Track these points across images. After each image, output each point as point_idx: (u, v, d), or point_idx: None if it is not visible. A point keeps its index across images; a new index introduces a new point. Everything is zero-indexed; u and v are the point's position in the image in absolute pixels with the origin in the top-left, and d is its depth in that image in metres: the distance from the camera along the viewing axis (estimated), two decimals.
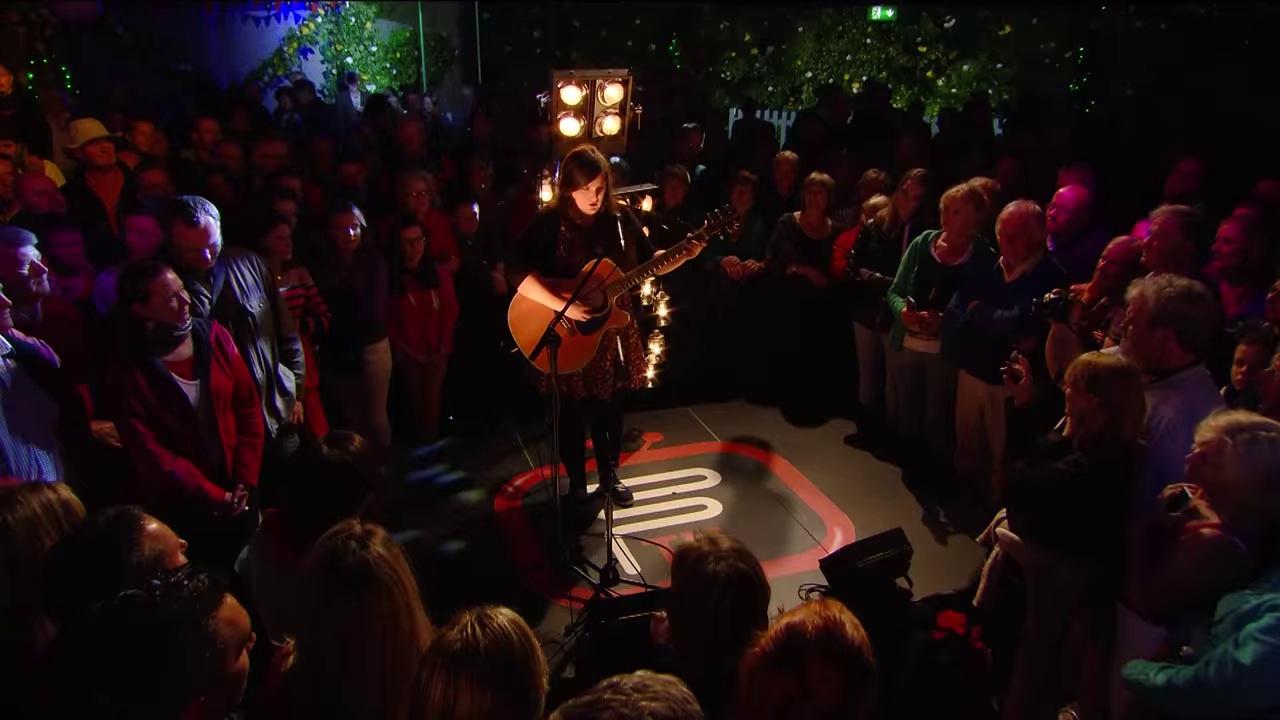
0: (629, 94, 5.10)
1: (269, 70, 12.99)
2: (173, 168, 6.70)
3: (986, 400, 5.09)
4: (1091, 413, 3.23)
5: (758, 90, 14.65)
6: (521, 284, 4.49)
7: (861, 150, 7.50)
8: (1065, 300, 3.91)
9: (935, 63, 14.14)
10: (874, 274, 5.74)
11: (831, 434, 6.05)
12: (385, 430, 5.91)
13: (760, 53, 14.71)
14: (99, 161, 6.08)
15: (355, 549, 2.11)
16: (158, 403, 3.77)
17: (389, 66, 15.00)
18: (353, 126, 9.84)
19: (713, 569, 2.25)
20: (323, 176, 6.79)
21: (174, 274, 3.78)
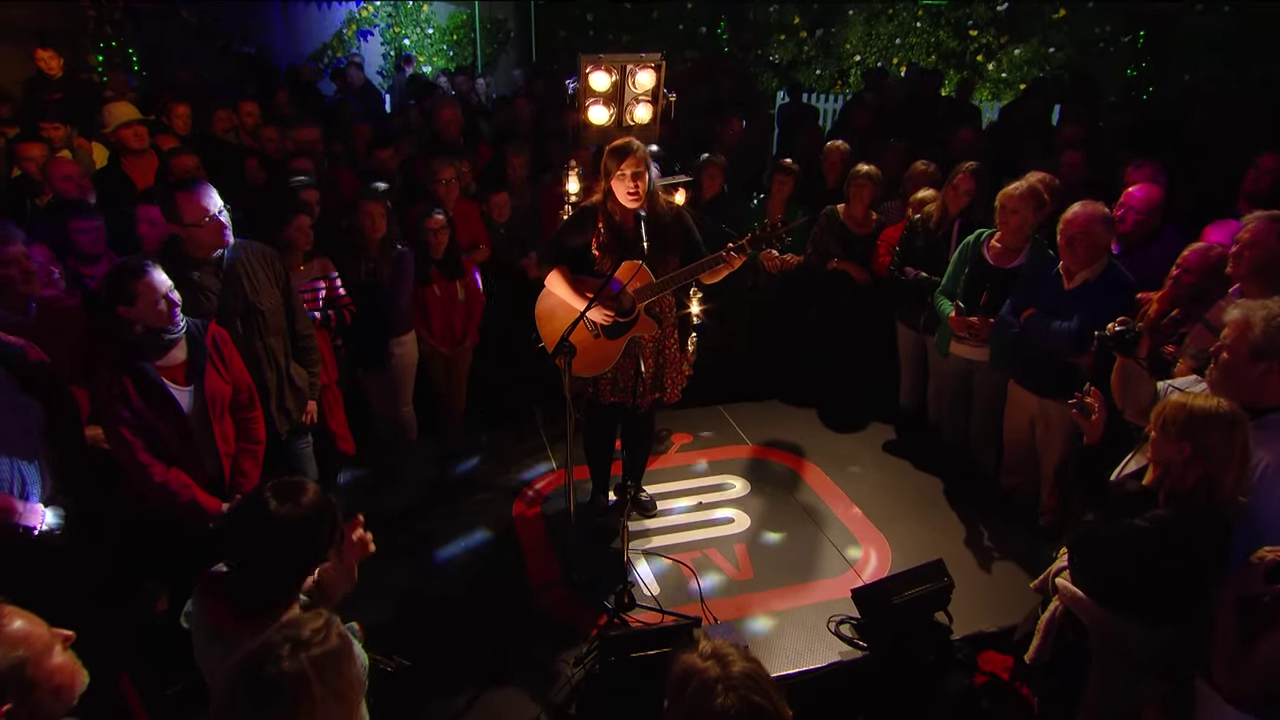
0: (661, 80, 4.48)
1: (328, 52, 12.53)
2: (210, 151, 6.30)
3: (1038, 414, 4.44)
4: (1183, 463, 2.59)
5: (805, 74, 13.83)
6: (548, 278, 3.94)
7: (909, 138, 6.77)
8: (1133, 332, 3.22)
9: (986, 47, 13.16)
10: (920, 273, 5.08)
11: (869, 440, 5.42)
12: (412, 424, 5.45)
13: (809, 36, 13.86)
14: (132, 145, 5.66)
15: (282, 658, 1.60)
16: (148, 410, 3.32)
17: (445, 49, 14.46)
18: (397, 110, 9.33)
19: (721, 703, 1.64)
20: (360, 161, 6.31)
21: (163, 273, 3.32)
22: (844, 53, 13.73)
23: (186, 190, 3.68)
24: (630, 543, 4.25)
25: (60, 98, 6.95)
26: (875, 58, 13.59)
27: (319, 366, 4.28)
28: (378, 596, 3.96)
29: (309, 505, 2.17)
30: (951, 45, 13.19)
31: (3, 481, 3.04)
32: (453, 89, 9.86)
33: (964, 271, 4.72)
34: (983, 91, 12.90)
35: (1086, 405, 3.07)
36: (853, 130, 7.28)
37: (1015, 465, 4.71)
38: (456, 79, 10.14)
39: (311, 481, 2.25)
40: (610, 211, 3.91)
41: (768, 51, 13.94)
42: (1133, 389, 3.39)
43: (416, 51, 13.58)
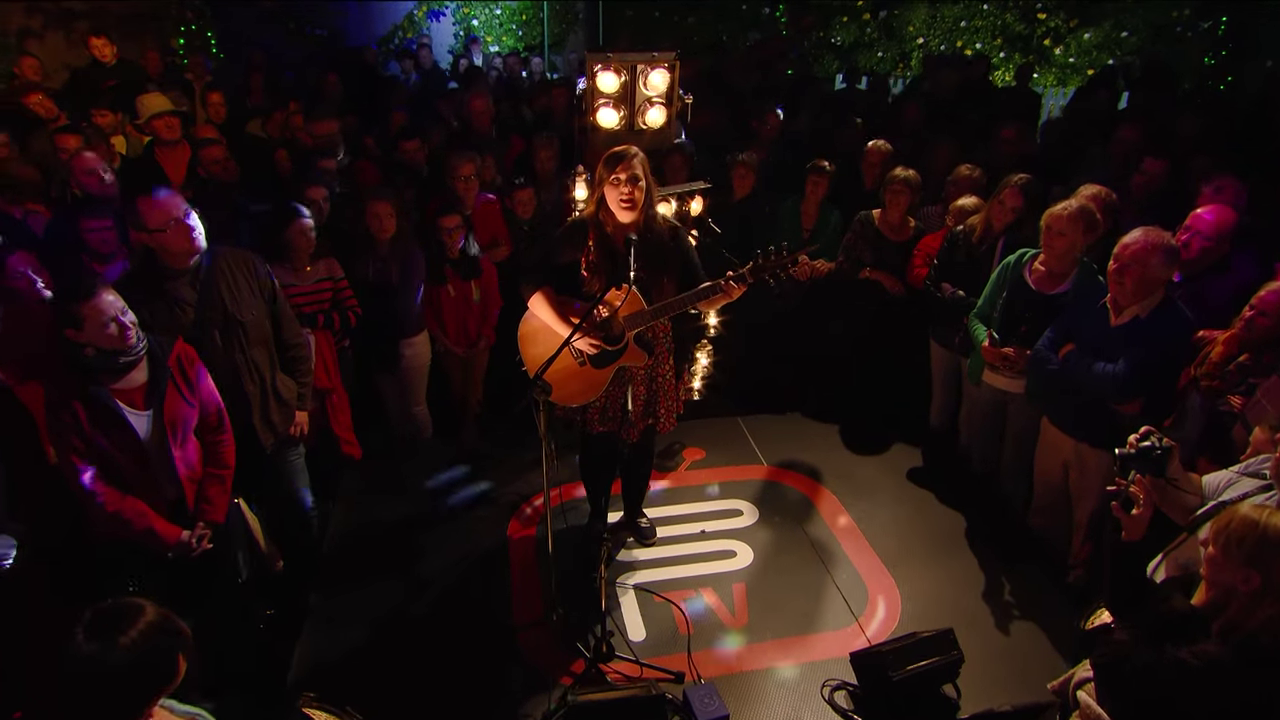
0: (676, 80, 3.82)
1: (398, 34, 12.02)
2: (244, 141, 5.90)
3: (1074, 459, 3.72)
4: (1250, 596, 1.94)
5: (866, 56, 12.74)
6: (531, 299, 3.39)
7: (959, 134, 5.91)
8: (1161, 448, 2.46)
9: (1054, 30, 11.86)
10: (956, 291, 4.35)
11: (893, 465, 4.73)
12: (426, 422, 5.03)
13: (872, 17, 12.73)
14: (164, 136, 5.28)
15: None
16: (100, 436, 2.92)
17: (515, 29, 13.80)
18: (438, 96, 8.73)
19: None
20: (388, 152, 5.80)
21: (113, 295, 2.89)
22: (906, 35, 12.59)
23: (147, 195, 3.24)
24: (620, 576, 3.78)
25: (114, 85, 6.61)
26: (939, 41, 12.43)
27: (309, 377, 3.85)
28: (357, 617, 3.57)
29: (131, 643, 1.68)
30: (1018, 29, 11.93)
31: None
32: (505, 72, 9.25)
33: (1002, 294, 3.99)
34: (1047, 77, 11.65)
35: (1129, 495, 2.39)
36: (903, 125, 6.41)
37: (1046, 507, 4.01)
38: (508, 60, 9.50)
39: (147, 604, 1.76)
40: (602, 223, 3.32)
41: (829, 33, 12.89)
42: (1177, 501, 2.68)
43: (485, 32, 12.97)
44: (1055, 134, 6.38)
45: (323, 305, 4.31)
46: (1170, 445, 2.46)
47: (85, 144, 5.14)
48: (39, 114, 6.21)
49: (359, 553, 3.96)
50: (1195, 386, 3.44)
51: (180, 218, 3.28)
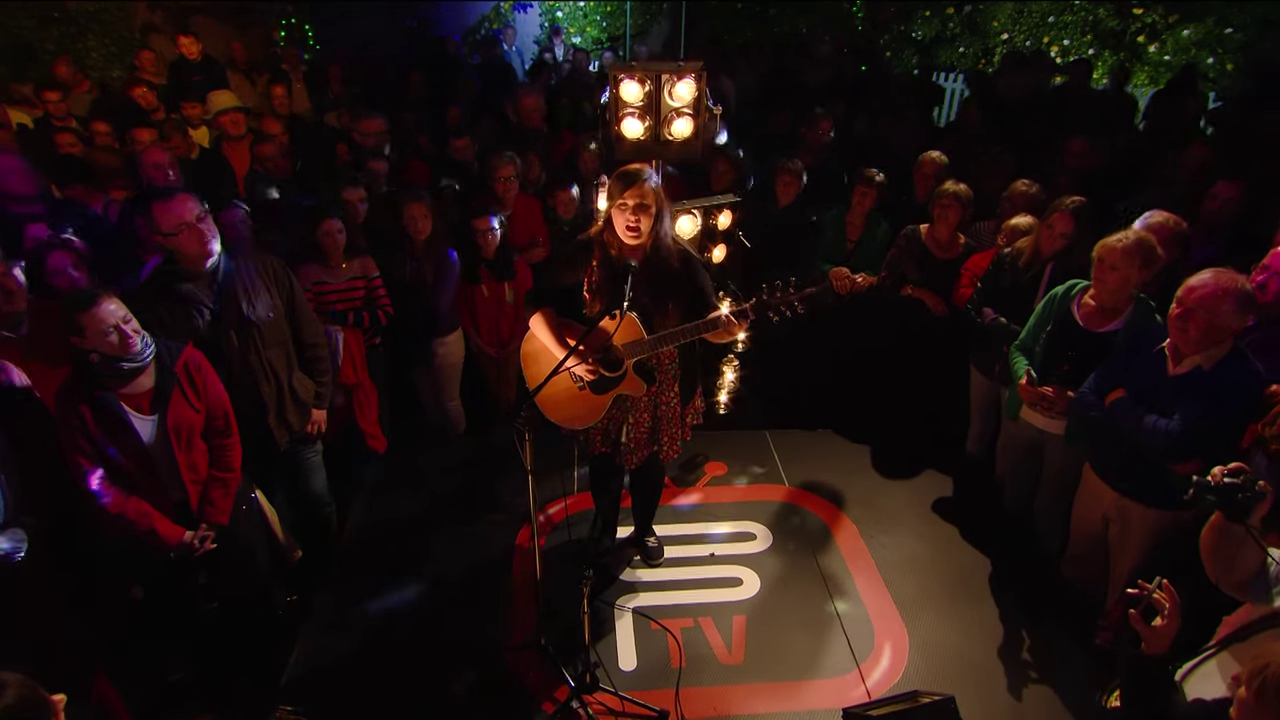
0: (703, 90, 3.43)
1: (485, 24, 11.81)
2: (309, 135, 5.79)
3: (1114, 512, 3.22)
4: None
5: (947, 51, 11.81)
6: (532, 320, 3.11)
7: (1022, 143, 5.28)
8: (1250, 490, 2.01)
9: (1151, 26, 10.67)
10: (998, 318, 3.84)
11: (921, 494, 4.25)
12: (459, 417, 4.86)
13: (956, 11, 11.76)
14: (230, 132, 5.22)
15: None
16: (106, 439, 2.83)
17: (599, 19, 13.40)
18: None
19: None
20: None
21: (115, 304, 2.76)
22: (990, 30, 11.59)
23: (162, 198, 3.13)
24: (621, 597, 3.51)
25: (199, 79, 6.62)
26: (1024, 36, 11.39)
27: (328, 376, 3.69)
28: (357, 621, 3.42)
29: None
30: (1111, 24, 10.79)
31: None
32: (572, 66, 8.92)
33: (1047, 328, 3.48)
34: (1139, 76, 10.53)
35: (1154, 601, 1.95)
36: (964, 132, 5.79)
37: (1081, 556, 3.51)
38: (576, 55, 9.16)
39: (10, 680, 1.58)
40: (607, 244, 2.99)
41: (910, 27, 12.00)
42: (1233, 555, 2.20)
43: (569, 23, 12.64)
44: (1129, 146, 5.62)
45: (355, 303, 4.16)
46: (1265, 489, 2.01)
47: (159, 138, 5.13)
48: (141, 106, 6.29)
49: (371, 551, 3.81)
50: (1262, 448, 2.87)
51: (193, 222, 3.14)
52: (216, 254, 3.26)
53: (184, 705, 3.35)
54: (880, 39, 11.25)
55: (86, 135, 5.60)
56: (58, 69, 7.14)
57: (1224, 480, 2.05)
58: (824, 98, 7.19)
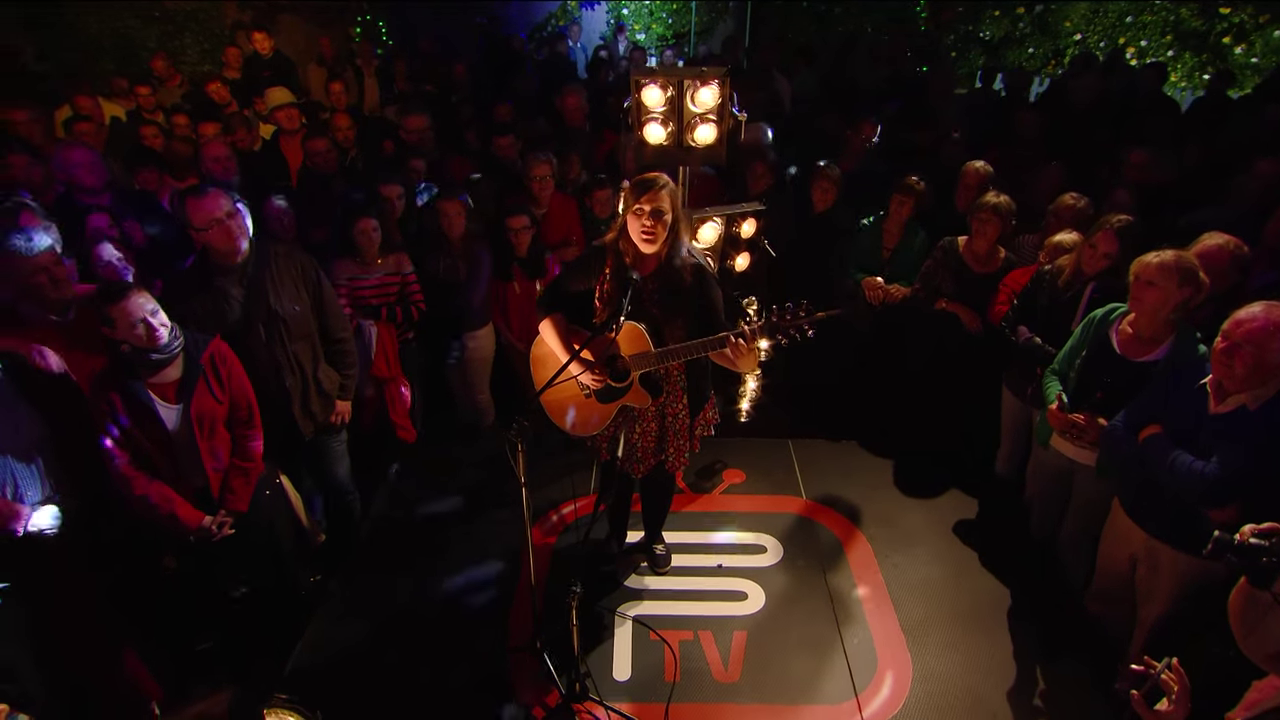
0: (726, 97, 3.23)
1: (552, 21, 11.69)
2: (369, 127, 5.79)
3: (1144, 554, 2.91)
4: None
5: (1016, 52, 11.11)
6: (541, 325, 2.99)
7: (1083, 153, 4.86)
8: (1278, 553, 1.74)
9: (1239, 26, 9.77)
10: (1033, 338, 3.53)
11: (942, 514, 3.96)
12: (489, 408, 4.80)
13: (1026, 11, 11.04)
14: (285, 126, 5.26)
15: None
16: (133, 426, 2.86)
17: (665, 16, 13.12)
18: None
19: None
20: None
21: (144, 298, 2.77)
22: (1062, 30, 10.84)
23: (195, 194, 3.13)
24: (623, 604, 3.38)
25: (269, 75, 6.72)
26: (1099, 37, 10.62)
27: (354, 370, 3.66)
28: (365, 612, 3.39)
29: None
30: (1194, 25, 9.93)
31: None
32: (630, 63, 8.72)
33: (1082, 352, 3.16)
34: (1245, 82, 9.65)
35: (1161, 683, 1.71)
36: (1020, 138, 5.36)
37: (1107, 594, 3.19)
38: (633, 54, 8.95)
39: None
40: (621, 251, 2.84)
41: (978, 27, 11.33)
42: (1259, 624, 1.92)
43: (634, 20, 12.40)
44: (1198, 158, 5.10)
45: (389, 298, 4.12)
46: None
47: (223, 131, 5.21)
48: (215, 100, 6.43)
49: (388, 541, 3.79)
50: None
51: (223, 219, 3.13)
52: (245, 250, 3.25)
53: (209, 675, 3.40)
54: (945, 39, 10.64)
55: (167, 128, 5.74)
56: (154, 64, 7.38)
57: (1250, 540, 1.78)
58: (880, 100, 6.82)
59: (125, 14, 8.73)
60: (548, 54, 9.28)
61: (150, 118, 6.25)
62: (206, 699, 3.31)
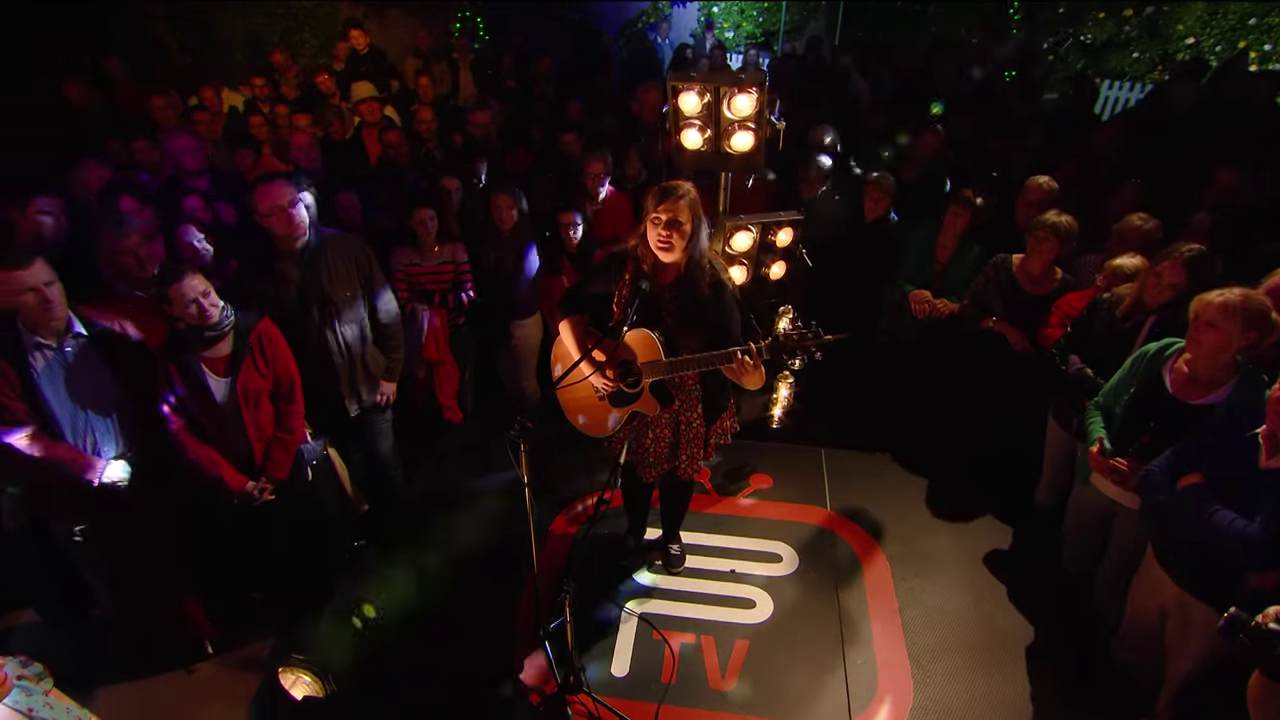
0: (763, 104, 3.02)
1: (642, 18, 11.48)
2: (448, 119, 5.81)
3: (1175, 608, 2.59)
4: None
5: (1119, 57, 10.12)
6: (560, 326, 2.91)
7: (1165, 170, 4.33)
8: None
9: None
10: (1084, 369, 3.18)
11: (972, 539, 3.64)
12: (535, 393, 4.78)
13: (1135, 13, 10.01)
14: (368, 119, 5.36)
15: None
16: (188, 395, 2.98)
17: (755, 14, 12.67)
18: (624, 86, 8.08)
19: None
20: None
21: (198, 280, 2.86)
22: (1173, 34, 9.78)
23: (263, 182, 3.20)
24: (632, 600, 3.29)
25: (367, 71, 6.87)
26: (1214, 40, 9.53)
27: (399, 353, 3.70)
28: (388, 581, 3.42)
29: None
30: None
31: (78, 435, 2.88)
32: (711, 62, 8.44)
33: (1131, 389, 2.82)
34: None
35: None
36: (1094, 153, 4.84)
37: (1136, 643, 2.87)
38: (714, 53, 8.66)
39: None
40: (640, 258, 2.72)
41: (1080, 29, 10.38)
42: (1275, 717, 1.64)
43: (724, 18, 12.04)
44: None
45: (442, 285, 4.15)
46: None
47: (315, 122, 5.37)
48: (322, 91, 6.65)
49: (423, 516, 3.83)
50: None
51: (284, 207, 3.20)
52: (305, 236, 3.31)
53: (258, 623, 3.54)
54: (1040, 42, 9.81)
55: (271, 117, 5.98)
56: (273, 57, 7.70)
57: (1270, 626, 1.50)
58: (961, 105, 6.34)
59: (254, 12, 9.17)
60: (635, 50, 9.11)
61: (261, 108, 6.53)
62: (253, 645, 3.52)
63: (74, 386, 2.87)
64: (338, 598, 3.37)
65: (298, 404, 3.21)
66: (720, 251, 3.42)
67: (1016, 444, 3.83)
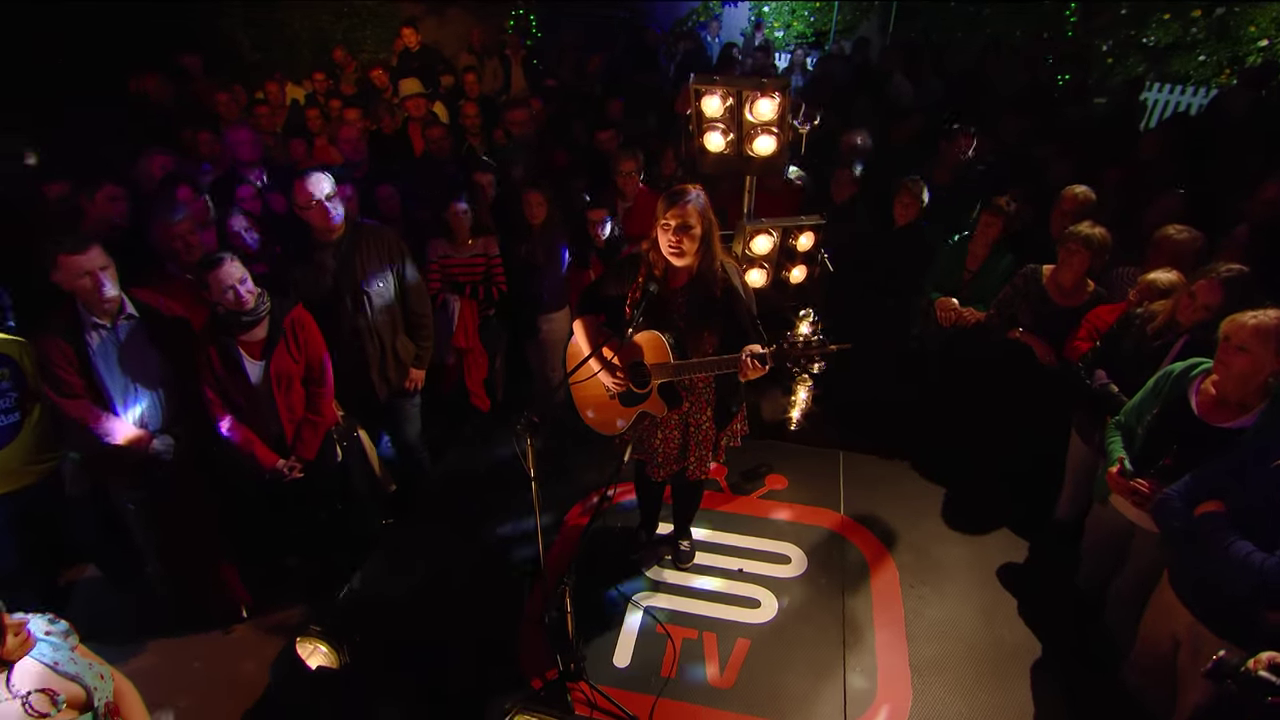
0: (785, 108, 2.95)
1: (693, 16, 11.34)
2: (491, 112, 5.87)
3: (1188, 636, 2.45)
4: None
5: (1184, 60, 9.54)
6: (574, 325, 2.91)
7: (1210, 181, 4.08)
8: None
9: None
10: (1109, 384, 3.03)
11: (986, 550, 3.50)
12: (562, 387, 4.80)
13: (1204, 14, 9.41)
14: (414, 114, 5.43)
15: None
16: (226, 376, 3.09)
17: (807, 14, 12.37)
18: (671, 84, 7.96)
19: None
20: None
21: (236, 267, 2.95)
22: (1245, 36, 9.17)
23: (301, 176, 3.29)
24: (639, 593, 3.29)
25: (418, 67, 6.97)
26: None
27: (429, 342, 3.76)
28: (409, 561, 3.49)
29: None
30: None
31: (126, 407, 3.03)
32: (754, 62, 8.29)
33: (1154, 409, 2.67)
34: None
35: None
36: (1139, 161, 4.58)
37: (1147, 669, 2.72)
38: (755, 53, 8.49)
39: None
40: (652, 263, 2.69)
41: (1142, 31, 9.82)
42: None
43: (774, 18, 11.80)
44: None
45: (474, 277, 4.20)
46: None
47: (366, 116, 5.47)
48: (377, 85, 6.79)
49: (445, 499, 3.89)
50: None
51: (321, 200, 3.29)
52: (340, 228, 3.39)
53: (290, 592, 3.66)
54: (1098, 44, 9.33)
55: (326, 110, 6.13)
56: (335, 54, 7.90)
57: (1260, 674, 1.40)
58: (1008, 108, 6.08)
59: (321, 11, 9.40)
60: (684, 49, 9.02)
61: (319, 101, 6.70)
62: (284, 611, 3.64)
63: (125, 364, 3.01)
64: (362, 573, 3.47)
65: (328, 388, 3.30)
66: (740, 254, 3.37)
67: (1039, 457, 3.68)
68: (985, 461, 3.88)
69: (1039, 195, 4.28)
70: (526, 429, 2.47)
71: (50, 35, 6.88)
